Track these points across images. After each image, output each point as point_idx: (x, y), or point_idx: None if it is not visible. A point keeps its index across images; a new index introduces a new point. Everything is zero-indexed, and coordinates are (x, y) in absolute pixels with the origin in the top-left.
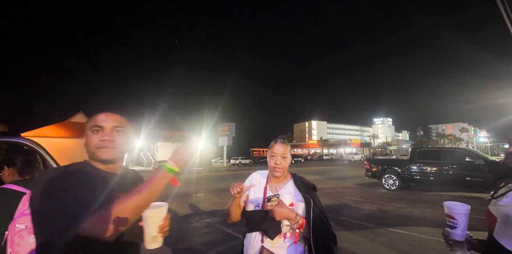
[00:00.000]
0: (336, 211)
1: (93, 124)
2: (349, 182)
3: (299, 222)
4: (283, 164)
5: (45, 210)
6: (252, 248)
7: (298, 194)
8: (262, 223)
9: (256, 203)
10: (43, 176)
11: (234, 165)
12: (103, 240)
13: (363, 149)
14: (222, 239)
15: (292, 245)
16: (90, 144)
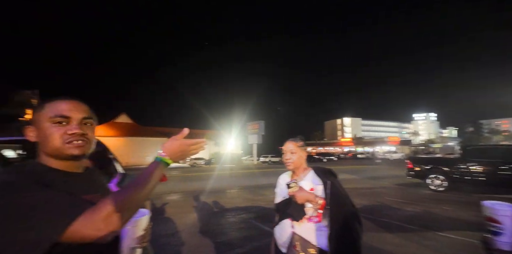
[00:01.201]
0: (375, 212)
1: (55, 114)
2: (388, 182)
3: (319, 202)
4: (293, 158)
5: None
6: (284, 235)
7: (316, 179)
8: (288, 209)
9: (283, 195)
10: None
11: (264, 163)
12: (88, 249)
13: (402, 147)
14: (258, 235)
15: (319, 227)
16: (52, 138)
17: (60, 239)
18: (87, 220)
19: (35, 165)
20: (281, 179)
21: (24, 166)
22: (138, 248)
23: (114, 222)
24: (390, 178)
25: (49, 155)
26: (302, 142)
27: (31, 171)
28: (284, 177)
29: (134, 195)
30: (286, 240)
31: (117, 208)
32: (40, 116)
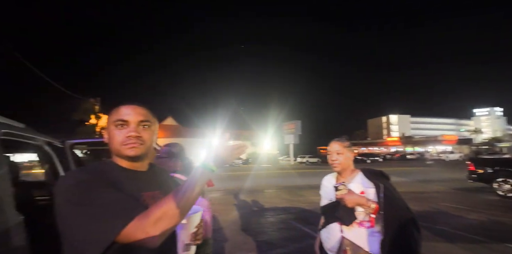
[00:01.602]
0: (430, 219)
1: (117, 118)
2: (444, 186)
3: (372, 206)
4: (340, 160)
5: (74, 218)
6: (332, 239)
7: (367, 182)
8: (336, 213)
9: (329, 198)
10: (67, 177)
11: (301, 163)
12: (145, 247)
13: (461, 147)
14: (300, 236)
15: (371, 232)
16: (114, 140)
17: (116, 239)
18: (138, 224)
19: (107, 163)
20: (326, 181)
21: (98, 165)
22: (193, 245)
23: (162, 227)
24: (446, 181)
25: (114, 155)
26: (348, 142)
27: (101, 170)
28: (328, 178)
29: (181, 201)
30: (335, 245)
31: (165, 214)
32: (108, 120)
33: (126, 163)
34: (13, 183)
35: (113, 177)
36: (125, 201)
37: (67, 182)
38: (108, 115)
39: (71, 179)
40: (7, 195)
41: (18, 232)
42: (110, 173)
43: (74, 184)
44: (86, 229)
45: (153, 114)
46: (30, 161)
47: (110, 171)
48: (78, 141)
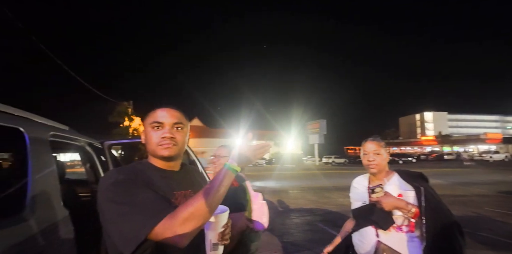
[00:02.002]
0: (471, 225)
1: (153, 120)
2: (487, 189)
3: (412, 210)
4: (377, 160)
5: (111, 213)
6: (367, 244)
7: (405, 184)
8: (371, 216)
9: (362, 200)
10: (107, 177)
11: (327, 164)
12: (174, 246)
13: (507, 146)
14: (327, 239)
15: (410, 237)
16: (151, 141)
17: (148, 237)
18: (167, 224)
19: (143, 163)
20: (357, 183)
21: (135, 165)
22: (220, 245)
23: (189, 227)
24: (490, 184)
25: (150, 155)
26: (383, 142)
27: (137, 169)
28: (360, 180)
29: (206, 202)
30: (370, 249)
31: (192, 214)
32: (145, 122)
33: (161, 163)
34: (60, 181)
35: (148, 176)
36: (157, 201)
37: (108, 181)
38: (145, 118)
39: (111, 178)
40: (55, 191)
41: (66, 225)
42: (145, 173)
43: (113, 183)
44: (121, 226)
45: (186, 117)
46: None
47: (146, 170)
48: (115, 141)
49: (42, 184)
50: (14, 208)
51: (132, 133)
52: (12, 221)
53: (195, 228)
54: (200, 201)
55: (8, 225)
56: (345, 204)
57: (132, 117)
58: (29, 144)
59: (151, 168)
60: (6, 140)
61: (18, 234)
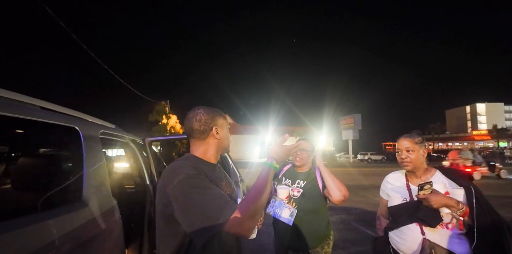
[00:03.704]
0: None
1: (227, 123)
2: None
3: (462, 209)
4: (410, 157)
5: (187, 207)
6: (411, 241)
7: (451, 183)
8: (417, 213)
9: (402, 197)
10: (177, 171)
11: (362, 161)
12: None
13: None
14: (361, 238)
15: (458, 235)
16: (227, 139)
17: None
18: (236, 219)
19: (192, 158)
20: (393, 179)
21: (190, 159)
22: (256, 229)
23: (254, 221)
24: None
25: (219, 150)
26: (420, 138)
27: (194, 164)
28: (396, 176)
29: (262, 198)
30: (416, 247)
31: (255, 211)
32: (225, 123)
33: (215, 158)
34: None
35: (204, 169)
36: (224, 196)
37: (179, 176)
38: (224, 119)
39: (181, 173)
40: (105, 183)
41: (115, 213)
42: (200, 166)
43: (185, 178)
44: (194, 218)
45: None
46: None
47: (199, 164)
48: (155, 138)
49: (95, 176)
50: (72, 197)
51: (170, 130)
52: (71, 208)
53: (256, 221)
54: (257, 197)
55: (68, 211)
56: None
57: (169, 116)
58: (83, 141)
59: (202, 162)
60: (64, 137)
61: (76, 220)
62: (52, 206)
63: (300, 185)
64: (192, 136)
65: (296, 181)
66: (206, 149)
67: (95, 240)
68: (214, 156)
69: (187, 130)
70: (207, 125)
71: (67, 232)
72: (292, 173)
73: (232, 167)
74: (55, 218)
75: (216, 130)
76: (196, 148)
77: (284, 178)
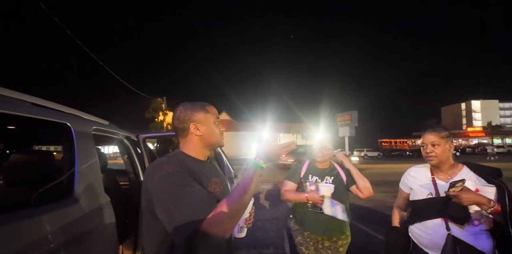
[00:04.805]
0: None
1: (216, 116)
2: None
3: (494, 207)
4: (436, 152)
5: (165, 204)
6: (435, 236)
7: (481, 179)
8: (445, 209)
9: (428, 192)
10: (158, 168)
11: (359, 157)
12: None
13: None
14: (356, 234)
15: (484, 234)
16: (216, 133)
17: (197, 228)
18: (214, 220)
19: (180, 154)
20: (417, 172)
21: (176, 155)
22: (245, 228)
23: (233, 222)
24: None
25: (205, 146)
26: (446, 132)
27: (179, 160)
28: (421, 170)
29: (244, 198)
30: (440, 242)
31: (234, 211)
32: (208, 117)
33: (203, 154)
34: (102, 170)
35: (190, 166)
36: (205, 195)
37: (159, 173)
38: (205, 113)
39: (162, 170)
40: (97, 179)
41: (107, 210)
42: (187, 163)
43: (166, 175)
44: (173, 216)
45: None
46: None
47: (186, 160)
48: (149, 135)
49: (87, 173)
50: (64, 193)
51: (166, 127)
52: (63, 204)
53: (236, 222)
54: (239, 198)
55: (59, 207)
56: (376, 199)
57: (166, 112)
58: (75, 137)
59: (189, 158)
60: (56, 134)
61: (67, 216)
62: (43, 202)
63: (329, 181)
64: (176, 134)
65: (325, 177)
66: (190, 146)
67: (87, 235)
68: (201, 152)
69: (172, 128)
70: (185, 123)
71: (58, 228)
72: (316, 170)
73: (226, 163)
74: (46, 214)
75: (195, 126)
76: (182, 145)
77: (310, 176)
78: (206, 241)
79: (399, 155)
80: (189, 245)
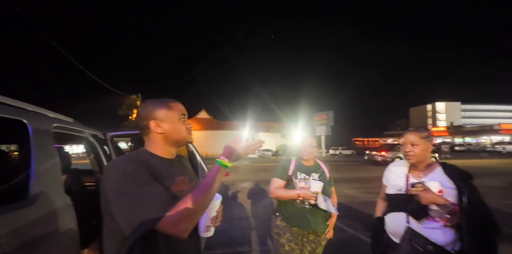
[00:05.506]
0: None
1: (181, 113)
2: (498, 180)
3: (450, 207)
4: (414, 151)
5: (121, 203)
6: (397, 226)
7: (448, 181)
8: (406, 205)
9: (398, 188)
10: (115, 166)
11: (334, 156)
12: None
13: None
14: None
15: (441, 229)
16: (182, 130)
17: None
18: (171, 220)
19: (144, 152)
20: (396, 168)
21: (138, 154)
22: (212, 227)
23: (190, 222)
24: (501, 176)
25: (169, 144)
26: (426, 133)
27: (142, 158)
28: (400, 165)
29: (204, 198)
30: (400, 232)
31: (192, 211)
32: (171, 114)
33: (168, 152)
34: (65, 171)
35: (152, 165)
36: (163, 195)
37: (115, 171)
38: (168, 110)
39: (118, 169)
40: (57, 180)
41: (68, 213)
42: (149, 162)
43: (122, 174)
44: (128, 216)
45: None
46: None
47: (149, 159)
48: (117, 133)
49: (44, 174)
50: (17, 195)
51: None
52: (15, 206)
53: (195, 222)
54: (198, 197)
55: (12, 210)
56: (350, 195)
57: None
58: (32, 135)
59: (153, 157)
60: (10, 132)
61: (20, 219)
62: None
63: (316, 178)
64: (140, 132)
65: (311, 174)
66: (154, 144)
67: (43, 240)
68: (166, 150)
69: (135, 126)
70: (145, 121)
71: (8, 231)
72: (303, 167)
73: (199, 162)
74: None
75: (156, 123)
76: (146, 143)
77: (299, 173)
78: (167, 242)
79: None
80: (149, 246)
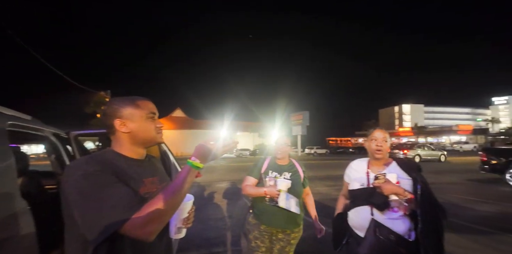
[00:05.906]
0: None
1: (150, 111)
2: (456, 177)
3: (407, 196)
4: (383, 147)
5: (82, 206)
6: (362, 219)
7: (403, 173)
8: (370, 198)
9: (361, 183)
10: (76, 167)
11: (309, 155)
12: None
13: (476, 137)
14: (304, 226)
15: (401, 218)
16: (150, 129)
17: (117, 232)
18: (136, 222)
19: (110, 152)
20: (356, 165)
21: (103, 154)
22: (184, 229)
23: (157, 225)
24: (459, 173)
25: (136, 144)
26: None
27: (106, 159)
28: (360, 163)
29: (172, 199)
30: (365, 224)
31: (159, 213)
32: (138, 112)
33: (135, 152)
34: (22, 173)
35: (118, 165)
36: (127, 197)
37: (77, 172)
38: (135, 108)
39: (80, 170)
40: (11, 183)
41: (24, 217)
42: (115, 162)
43: (83, 175)
44: (90, 219)
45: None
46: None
47: (115, 159)
48: (82, 132)
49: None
50: None
51: None
52: None
53: (163, 224)
54: (166, 199)
55: None
56: (323, 192)
57: None
58: None
59: (120, 157)
60: None
61: None
62: None
63: (287, 177)
64: (106, 131)
65: (283, 173)
66: (119, 143)
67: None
68: (133, 150)
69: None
70: (110, 119)
71: None
72: (276, 166)
73: (173, 162)
74: None
75: (122, 122)
76: (112, 142)
77: (271, 171)
78: (135, 245)
79: (344, 152)
80: (114, 250)
